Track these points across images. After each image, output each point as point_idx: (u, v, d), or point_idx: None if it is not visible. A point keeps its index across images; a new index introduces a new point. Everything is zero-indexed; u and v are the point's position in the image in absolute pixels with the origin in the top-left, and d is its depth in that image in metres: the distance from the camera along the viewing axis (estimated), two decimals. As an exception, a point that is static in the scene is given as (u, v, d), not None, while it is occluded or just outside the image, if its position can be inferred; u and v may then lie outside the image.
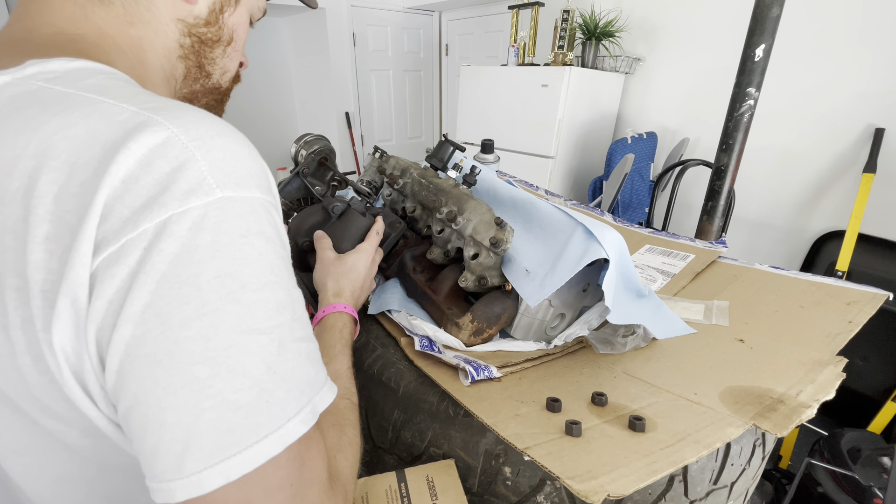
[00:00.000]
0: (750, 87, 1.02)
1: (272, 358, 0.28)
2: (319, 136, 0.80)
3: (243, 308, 0.27)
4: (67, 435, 0.31)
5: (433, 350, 0.56)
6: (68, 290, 0.26)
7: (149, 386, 0.26)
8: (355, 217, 0.65)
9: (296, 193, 0.80)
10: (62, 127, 0.27)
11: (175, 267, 0.26)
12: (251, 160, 0.31)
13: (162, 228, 0.26)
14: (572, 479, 0.37)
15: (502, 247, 0.57)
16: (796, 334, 0.61)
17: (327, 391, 0.32)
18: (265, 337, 0.28)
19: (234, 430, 0.26)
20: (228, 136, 0.30)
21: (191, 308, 0.26)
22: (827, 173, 1.91)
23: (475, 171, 0.70)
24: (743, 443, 0.50)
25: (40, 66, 0.31)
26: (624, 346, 0.59)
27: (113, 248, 0.26)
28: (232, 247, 0.28)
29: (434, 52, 3.84)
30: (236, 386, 0.27)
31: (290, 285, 0.31)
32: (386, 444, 0.57)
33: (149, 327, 0.26)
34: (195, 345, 0.26)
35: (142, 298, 0.26)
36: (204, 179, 0.27)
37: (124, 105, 0.29)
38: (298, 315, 0.31)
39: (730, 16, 2.06)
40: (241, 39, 0.47)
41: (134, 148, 0.26)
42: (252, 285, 0.28)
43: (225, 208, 0.28)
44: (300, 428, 0.29)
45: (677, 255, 0.88)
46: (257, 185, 0.30)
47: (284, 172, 3.53)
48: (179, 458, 0.25)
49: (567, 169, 2.35)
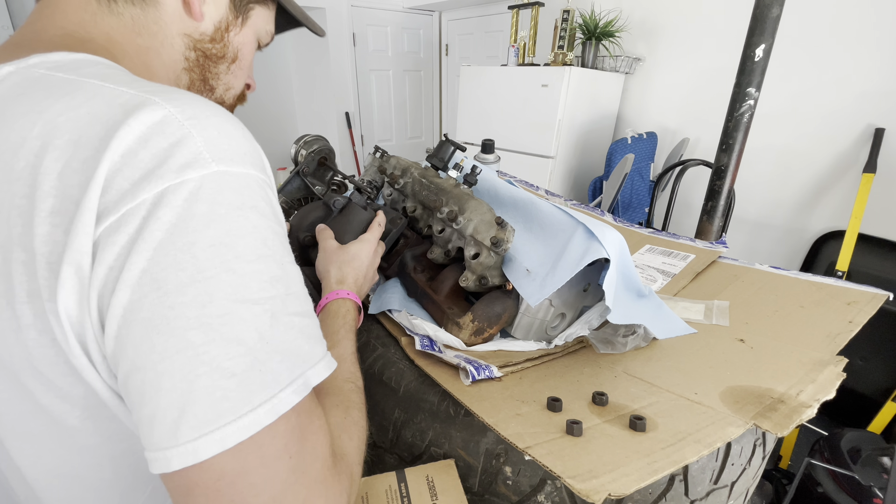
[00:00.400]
0: (750, 87, 1.02)
1: (265, 328, 0.29)
2: (318, 136, 0.81)
3: (238, 277, 0.28)
4: (69, 416, 0.32)
5: (434, 350, 0.56)
6: (72, 259, 0.27)
7: (145, 351, 0.26)
8: (357, 210, 0.65)
9: (296, 193, 0.80)
10: (66, 109, 0.29)
11: (171, 235, 0.27)
12: (245, 140, 0.32)
13: (160, 198, 0.27)
14: (573, 478, 0.37)
15: (503, 246, 0.57)
16: (796, 334, 0.61)
17: (323, 366, 0.33)
18: (258, 307, 0.29)
19: (229, 397, 0.27)
20: (223, 116, 0.31)
21: (186, 275, 0.27)
22: (827, 173, 1.91)
23: (476, 171, 0.70)
24: (743, 442, 0.50)
25: (43, 57, 0.33)
26: (624, 346, 0.59)
27: (114, 217, 0.27)
28: (227, 217, 0.28)
29: (434, 52, 3.84)
30: (230, 353, 0.27)
31: (284, 260, 0.32)
32: (386, 444, 0.57)
33: (145, 292, 0.26)
34: (190, 310, 0.27)
35: (139, 264, 0.26)
36: (200, 154, 0.28)
37: (124, 89, 0.30)
38: (293, 290, 0.32)
39: (730, 16, 2.06)
40: (246, 59, 0.49)
41: (133, 125, 0.28)
42: (246, 256, 0.29)
43: (220, 181, 0.29)
44: (292, 398, 0.29)
45: (677, 255, 0.88)
46: (251, 163, 0.31)
47: (284, 172, 3.53)
48: (175, 424, 0.26)
49: (567, 169, 2.35)
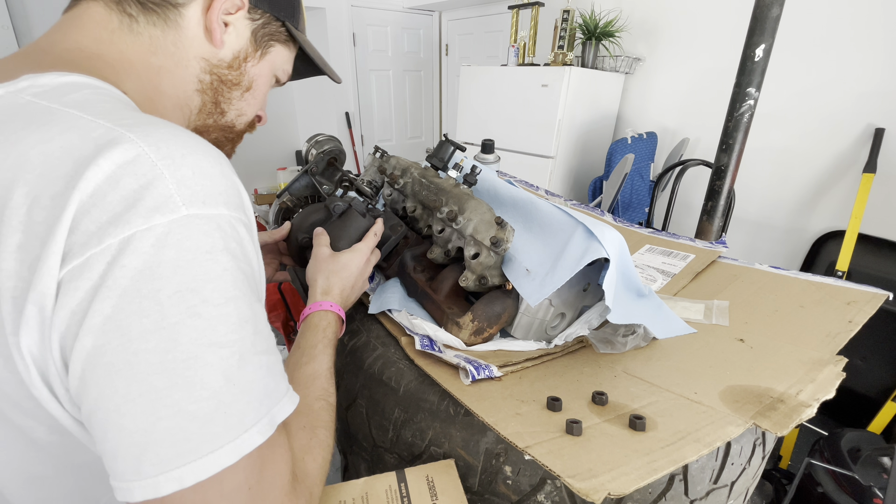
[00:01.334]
0: (750, 87, 1.02)
1: (232, 371, 0.29)
2: (331, 137, 0.81)
3: (204, 322, 0.28)
4: (35, 430, 0.32)
5: (434, 349, 0.56)
6: (35, 299, 0.27)
7: (108, 393, 0.27)
8: (355, 217, 0.65)
9: (303, 191, 0.80)
10: (39, 142, 0.28)
11: (137, 282, 0.27)
12: (221, 177, 0.32)
13: (126, 244, 0.27)
14: (573, 477, 0.37)
15: (503, 246, 0.57)
16: (796, 334, 0.61)
17: (287, 401, 0.34)
18: (226, 350, 0.29)
19: (190, 438, 0.27)
20: (200, 153, 0.31)
21: (150, 321, 0.27)
22: (827, 173, 1.91)
23: (476, 171, 0.70)
24: (743, 442, 0.50)
25: (32, 80, 0.33)
26: (624, 346, 0.59)
27: (78, 260, 0.27)
28: (195, 263, 0.29)
29: (434, 52, 3.84)
30: (194, 397, 0.28)
31: (252, 300, 0.32)
32: (386, 444, 0.57)
33: (109, 338, 0.27)
34: (153, 356, 0.27)
35: (103, 311, 0.27)
36: (170, 197, 0.28)
37: (101, 121, 0.30)
38: (260, 329, 0.32)
39: (730, 16, 2.06)
40: (260, 90, 0.50)
41: (103, 164, 0.27)
42: (214, 300, 0.29)
43: (189, 225, 0.29)
44: (256, 439, 0.30)
45: (677, 255, 0.88)
46: (225, 203, 0.31)
47: (284, 172, 3.53)
48: (137, 461, 0.27)
49: (567, 169, 2.35)
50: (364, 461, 0.62)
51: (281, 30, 0.49)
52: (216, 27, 0.42)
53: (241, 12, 0.44)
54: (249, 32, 0.46)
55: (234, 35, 0.45)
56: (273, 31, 0.48)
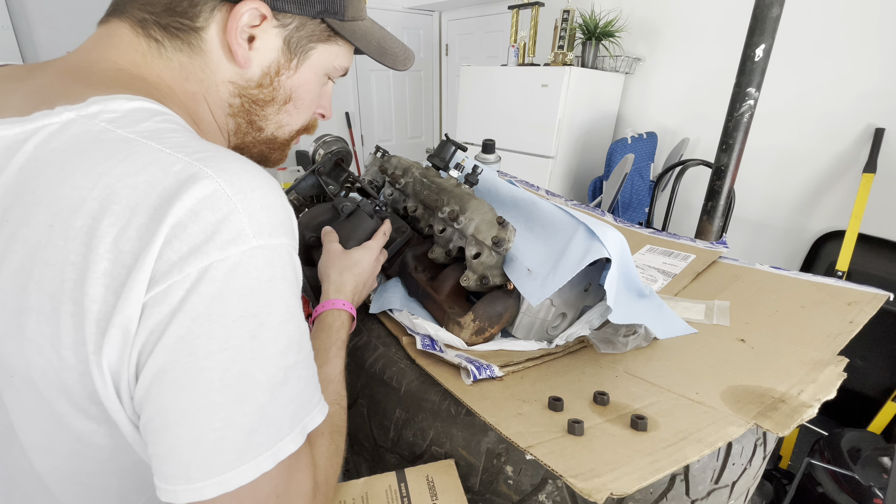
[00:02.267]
0: (750, 87, 1.02)
1: (276, 387, 0.32)
2: (338, 138, 0.82)
3: (259, 344, 0.31)
4: (95, 435, 0.35)
5: (435, 349, 0.56)
6: (120, 322, 0.29)
7: (171, 405, 0.30)
8: (363, 218, 0.66)
9: (309, 191, 0.81)
10: (124, 175, 0.30)
11: (209, 307, 0.30)
12: (282, 209, 0.34)
13: (204, 273, 0.30)
14: (574, 477, 0.37)
15: (504, 246, 0.57)
16: (797, 334, 0.61)
17: (318, 412, 0.37)
18: (273, 369, 0.32)
19: (237, 447, 0.30)
20: (266, 187, 0.33)
21: (216, 343, 0.30)
22: (827, 173, 1.91)
23: (477, 171, 0.70)
24: (744, 442, 0.50)
25: (103, 105, 0.33)
26: (625, 346, 0.59)
27: (161, 287, 0.29)
28: (258, 291, 0.31)
29: (434, 52, 3.84)
30: (244, 411, 0.31)
31: (300, 320, 0.35)
32: (387, 444, 0.57)
33: (179, 356, 0.30)
34: (215, 374, 0.30)
35: (177, 332, 0.29)
36: (243, 230, 0.31)
37: (178, 155, 0.31)
38: (304, 345, 0.35)
39: (730, 16, 2.06)
40: (304, 98, 0.47)
41: (186, 199, 0.30)
42: (270, 324, 0.32)
43: (257, 255, 0.31)
44: (290, 447, 0.33)
45: (678, 256, 0.88)
46: (285, 232, 0.34)
47: (284, 172, 3.53)
48: (186, 468, 0.30)
49: (567, 169, 2.35)
50: (365, 461, 0.62)
51: (321, 27, 0.44)
52: (237, 46, 0.40)
53: (266, 23, 0.41)
54: (281, 41, 0.42)
55: (263, 49, 0.42)
56: (311, 33, 0.44)
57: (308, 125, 0.51)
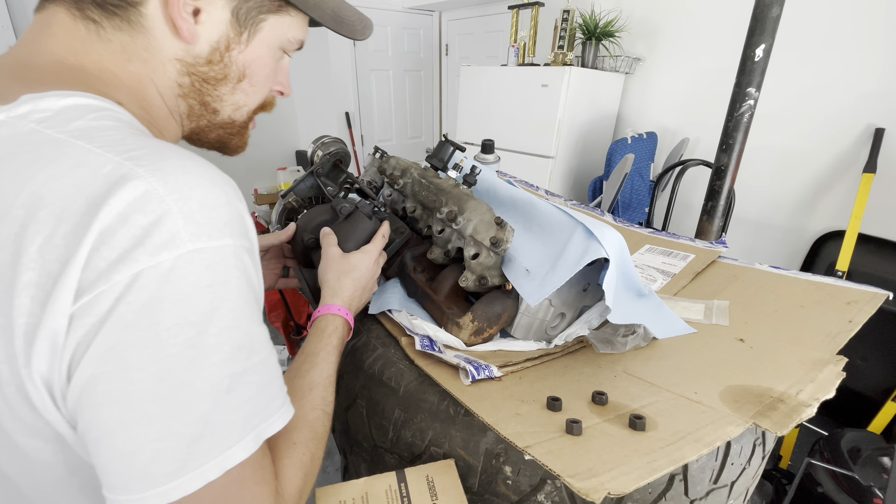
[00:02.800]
0: (750, 87, 1.02)
1: (220, 395, 0.31)
2: (337, 139, 0.82)
3: (199, 352, 0.30)
4: (43, 452, 0.34)
5: (434, 350, 0.56)
6: (47, 334, 0.28)
7: (103, 417, 0.29)
8: (362, 219, 0.65)
9: (308, 192, 0.81)
10: (50, 178, 0.29)
11: (139, 317, 0.28)
12: (227, 207, 0.32)
13: (133, 281, 0.28)
14: (573, 477, 0.37)
15: (502, 246, 0.57)
16: (796, 334, 0.61)
17: (278, 418, 0.35)
18: (216, 377, 0.30)
19: (177, 458, 0.29)
20: (207, 185, 0.31)
21: (148, 353, 0.28)
22: (827, 173, 1.91)
23: (475, 171, 0.70)
24: (743, 442, 0.50)
25: (33, 104, 0.32)
26: (624, 346, 0.59)
27: (88, 297, 0.28)
28: (197, 297, 0.30)
29: (434, 52, 3.84)
30: (184, 421, 0.29)
31: (250, 326, 0.33)
32: (386, 444, 0.57)
33: (108, 368, 0.28)
34: (149, 385, 0.29)
35: (105, 343, 0.28)
36: (177, 233, 0.29)
37: (109, 155, 0.30)
38: (256, 350, 0.33)
39: (730, 16, 2.06)
40: (259, 74, 0.45)
41: (114, 203, 0.28)
42: (210, 331, 0.30)
43: (193, 260, 0.29)
44: (240, 455, 0.31)
45: (677, 255, 0.88)
46: (230, 233, 0.32)
47: (284, 172, 3.53)
48: (125, 479, 0.29)
49: (567, 169, 2.35)
50: (364, 461, 0.62)
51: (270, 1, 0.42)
52: (181, 21, 0.37)
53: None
54: (229, 13, 0.40)
55: (209, 23, 0.39)
56: (260, 3, 0.41)
57: (265, 103, 0.49)
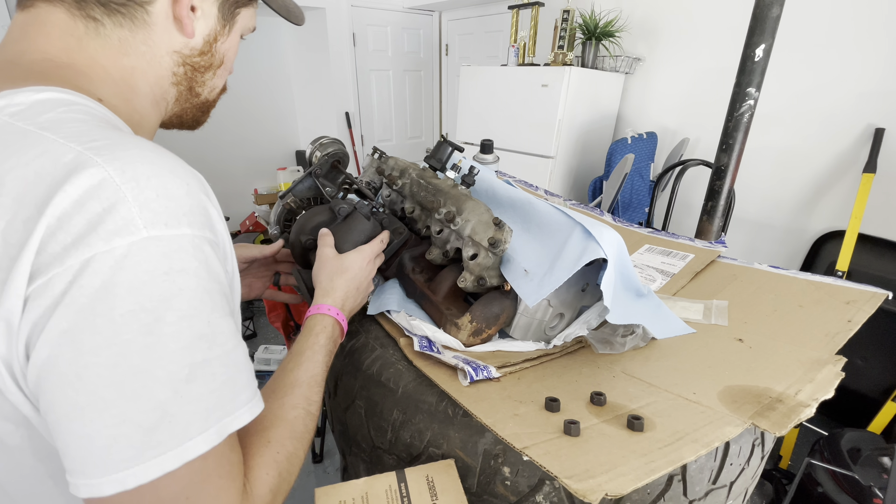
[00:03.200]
0: (750, 87, 1.02)
1: (180, 384, 0.31)
2: (335, 140, 0.82)
3: (155, 339, 0.30)
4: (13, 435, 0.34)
5: (432, 350, 0.56)
6: (3, 315, 0.29)
7: (59, 400, 0.29)
8: (360, 220, 0.65)
9: (306, 193, 0.81)
10: (15, 166, 0.30)
11: (93, 301, 0.29)
12: (187, 197, 0.33)
13: (86, 266, 0.29)
14: (570, 478, 0.37)
15: (501, 247, 0.57)
16: (795, 333, 0.61)
17: (245, 412, 0.34)
18: (175, 365, 0.31)
19: (134, 445, 0.29)
20: (166, 175, 0.32)
21: (102, 338, 0.29)
22: (827, 173, 1.91)
23: (473, 172, 0.70)
24: (742, 442, 0.50)
25: (9, 99, 0.34)
26: (623, 346, 0.59)
27: (42, 279, 0.28)
28: (151, 284, 0.30)
29: (434, 52, 3.84)
30: (140, 408, 0.30)
31: (212, 317, 0.33)
32: (385, 445, 0.57)
33: (62, 350, 0.29)
34: (103, 370, 0.29)
35: (59, 326, 0.29)
36: (131, 220, 0.30)
37: (71, 145, 0.31)
38: (219, 342, 0.33)
39: (730, 16, 2.05)
40: (230, 59, 0.50)
41: (69, 190, 0.29)
42: (167, 319, 0.30)
43: (148, 247, 0.30)
44: (201, 447, 0.31)
45: (677, 255, 0.88)
46: (189, 223, 0.33)
47: (284, 172, 3.53)
48: (83, 463, 0.29)
49: (567, 169, 2.35)
50: (363, 462, 0.62)
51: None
52: (186, 17, 0.42)
53: None
54: (216, 9, 0.45)
55: (203, 19, 0.44)
56: None
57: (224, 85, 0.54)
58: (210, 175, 2.37)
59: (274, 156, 3.77)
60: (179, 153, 0.36)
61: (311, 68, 3.52)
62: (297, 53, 3.64)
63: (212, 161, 3.34)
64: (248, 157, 3.60)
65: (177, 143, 3.57)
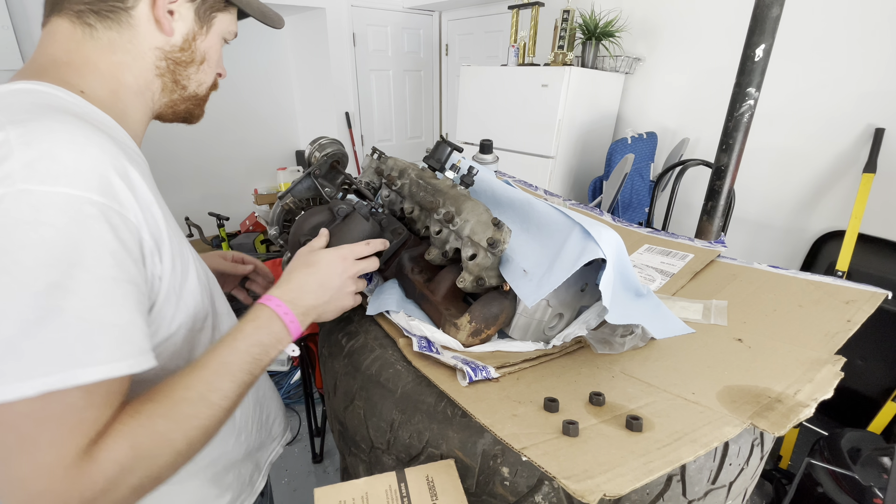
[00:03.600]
0: (750, 87, 1.02)
1: (29, 325, 0.33)
2: (334, 140, 0.82)
3: (11, 279, 0.33)
4: None
5: (431, 351, 0.56)
6: None
7: None
8: (358, 221, 0.65)
9: (305, 193, 0.81)
10: None
11: None
12: (80, 164, 0.37)
13: None
14: (568, 478, 0.37)
15: (500, 247, 0.57)
16: (794, 333, 0.61)
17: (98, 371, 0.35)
18: (25, 307, 0.33)
19: None
20: (63, 142, 0.37)
21: None
22: (827, 173, 1.91)
23: (472, 172, 0.70)
24: (741, 442, 0.50)
25: None
26: (622, 346, 0.59)
27: None
28: (16, 229, 0.33)
29: (434, 52, 3.84)
30: None
31: (76, 272, 0.35)
32: (384, 445, 0.57)
33: None
34: None
35: None
36: (11, 174, 0.34)
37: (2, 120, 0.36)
38: (80, 296, 0.35)
39: (730, 16, 2.05)
40: (213, 58, 0.57)
41: None
42: (25, 263, 0.33)
43: (20, 199, 0.34)
44: (38, 387, 0.33)
45: (676, 255, 0.88)
46: (72, 184, 0.36)
47: (284, 172, 3.53)
48: None
49: (567, 169, 2.35)
50: (362, 462, 0.62)
51: (218, 2, 0.55)
52: (164, 19, 0.49)
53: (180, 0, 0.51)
54: (193, 13, 0.52)
55: (181, 20, 0.51)
56: (211, 5, 0.54)
57: (214, 83, 0.60)
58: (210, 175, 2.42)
59: (274, 156, 3.77)
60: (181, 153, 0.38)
61: (312, 68, 3.52)
62: (297, 53, 3.64)
63: (212, 161, 3.34)
64: (249, 157, 3.60)
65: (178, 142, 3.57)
